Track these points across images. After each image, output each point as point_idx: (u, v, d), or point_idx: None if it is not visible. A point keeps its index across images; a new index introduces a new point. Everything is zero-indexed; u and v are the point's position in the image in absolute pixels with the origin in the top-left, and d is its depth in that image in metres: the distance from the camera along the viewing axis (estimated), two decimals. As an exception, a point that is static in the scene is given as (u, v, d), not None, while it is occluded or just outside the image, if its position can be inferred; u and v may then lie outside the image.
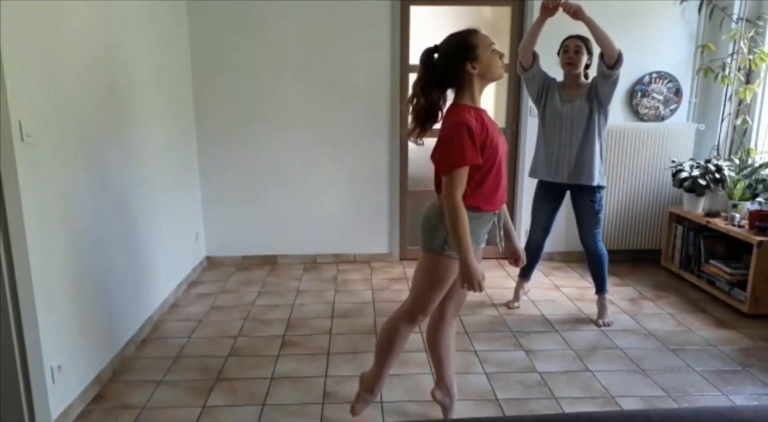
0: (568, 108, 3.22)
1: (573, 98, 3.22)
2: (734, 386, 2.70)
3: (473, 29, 2.08)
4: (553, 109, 3.27)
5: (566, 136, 3.25)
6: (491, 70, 2.06)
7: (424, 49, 2.16)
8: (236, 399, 2.61)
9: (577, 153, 3.23)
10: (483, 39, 2.05)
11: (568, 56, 3.20)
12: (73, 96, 2.52)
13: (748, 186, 3.79)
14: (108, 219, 2.85)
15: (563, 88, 3.28)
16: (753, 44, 4.02)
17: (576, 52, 3.18)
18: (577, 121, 3.21)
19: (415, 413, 2.48)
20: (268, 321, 3.47)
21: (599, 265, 3.40)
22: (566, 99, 3.24)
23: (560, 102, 3.25)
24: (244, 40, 4.20)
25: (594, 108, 3.18)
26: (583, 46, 3.18)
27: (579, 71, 3.22)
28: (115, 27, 2.96)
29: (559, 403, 2.57)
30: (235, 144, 4.35)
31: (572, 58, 3.18)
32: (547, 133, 3.33)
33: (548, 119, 3.30)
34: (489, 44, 2.05)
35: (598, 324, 3.38)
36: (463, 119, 1.99)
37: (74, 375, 2.49)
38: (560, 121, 3.24)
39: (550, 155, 3.31)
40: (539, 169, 3.40)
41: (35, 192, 2.21)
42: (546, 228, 3.50)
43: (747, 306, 3.45)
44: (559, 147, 3.27)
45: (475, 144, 1.98)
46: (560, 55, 3.26)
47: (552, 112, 3.28)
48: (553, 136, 3.29)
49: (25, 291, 2.12)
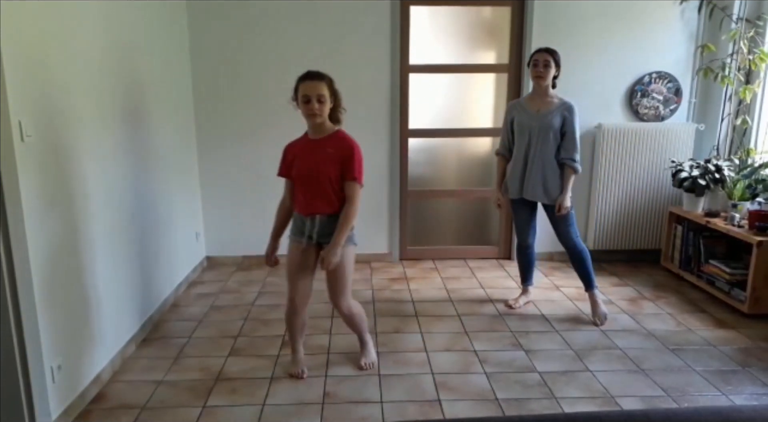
0: (534, 118, 3.32)
1: (540, 108, 3.33)
2: (734, 386, 2.70)
3: (302, 75, 2.55)
4: (520, 123, 3.37)
5: (534, 148, 3.32)
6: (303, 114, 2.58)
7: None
8: (236, 399, 2.61)
9: (543, 169, 3.32)
10: (300, 87, 2.53)
11: (538, 70, 3.28)
12: (73, 96, 2.52)
13: (747, 186, 3.79)
14: (108, 219, 2.85)
15: (530, 101, 3.39)
16: (753, 44, 4.02)
17: (545, 66, 3.27)
18: (544, 130, 3.28)
19: (415, 413, 2.48)
20: (268, 321, 3.47)
21: (581, 261, 3.43)
22: (533, 109, 3.34)
23: (527, 113, 3.35)
24: (244, 40, 4.20)
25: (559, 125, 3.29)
26: (552, 60, 3.27)
27: (548, 83, 3.32)
28: (115, 27, 2.96)
29: (559, 403, 2.57)
30: (235, 144, 4.36)
31: (541, 72, 3.28)
32: (516, 147, 3.41)
33: (517, 133, 3.39)
34: (303, 93, 2.51)
35: (595, 324, 3.40)
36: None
37: (74, 375, 2.49)
38: (528, 131, 3.33)
39: (520, 172, 3.40)
40: (511, 188, 3.48)
41: (35, 192, 2.22)
42: (531, 233, 3.58)
43: (747, 306, 3.45)
44: (531, 161, 3.34)
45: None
46: (530, 67, 3.34)
47: (519, 126, 3.37)
48: (521, 149, 3.37)
49: (25, 291, 2.12)
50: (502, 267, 4.50)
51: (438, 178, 4.62)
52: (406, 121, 4.43)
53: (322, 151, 2.58)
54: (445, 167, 4.62)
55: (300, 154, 2.64)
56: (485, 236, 4.74)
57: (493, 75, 4.45)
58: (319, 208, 2.61)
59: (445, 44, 4.40)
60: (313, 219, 2.63)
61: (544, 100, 3.34)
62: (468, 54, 4.42)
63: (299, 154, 2.64)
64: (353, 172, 2.57)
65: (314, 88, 2.51)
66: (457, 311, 3.61)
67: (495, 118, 4.51)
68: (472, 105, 4.52)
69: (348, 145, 2.59)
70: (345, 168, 2.57)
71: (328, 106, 2.56)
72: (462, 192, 4.62)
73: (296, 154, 2.65)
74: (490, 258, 4.69)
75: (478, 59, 4.42)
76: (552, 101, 3.33)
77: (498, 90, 4.46)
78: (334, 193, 2.59)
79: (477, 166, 4.62)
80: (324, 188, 2.58)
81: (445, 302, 3.76)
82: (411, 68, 4.36)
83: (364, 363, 2.89)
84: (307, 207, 2.64)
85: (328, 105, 2.56)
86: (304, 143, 2.66)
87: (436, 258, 4.69)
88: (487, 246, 4.71)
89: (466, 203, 4.68)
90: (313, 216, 2.63)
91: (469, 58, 4.42)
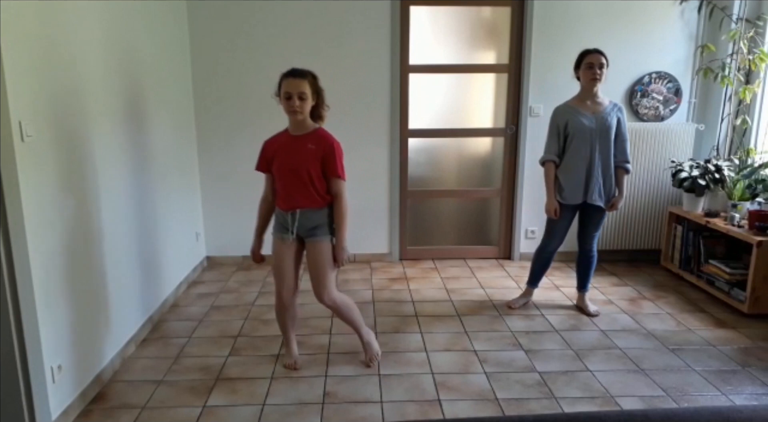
0: (593, 120, 3.23)
1: (596, 110, 3.24)
2: (734, 386, 2.70)
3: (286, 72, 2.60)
4: (577, 127, 3.23)
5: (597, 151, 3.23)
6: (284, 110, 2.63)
7: None
8: (236, 398, 2.61)
9: (606, 172, 3.26)
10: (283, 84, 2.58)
11: (594, 72, 3.16)
12: (73, 96, 2.53)
13: (747, 186, 3.79)
14: (108, 219, 2.85)
15: (581, 103, 3.27)
16: (752, 44, 4.02)
17: (600, 67, 3.16)
18: (606, 132, 3.21)
19: (415, 413, 2.49)
20: (269, 320, 3.47)
21: (591, 266, 3.53)
22: (588, 111, 3.24)
23: (584, 117, 3.24)
24: (243, 40, 4.20)
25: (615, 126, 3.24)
26: (605, 60, 3.18)
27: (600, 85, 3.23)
28: (115, 27, 2.96)
29: (559, 403, 2.57)
30: (235, 143, 4.36)
31: (598, 74, 3.17)
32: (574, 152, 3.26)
33: (575, 138, 3.24)
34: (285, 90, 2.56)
35: (591, 315, 3.49)
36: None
37: (74, 374, 2.49)
38: (589, 134, 3.22)
39: (583, 177, 3.27)
40: (570, 194, 3.31)
41: (35, 192, 2.22)
42: (563, 238, 3.49)
43: (746, 306, 3.45)
44: (594, 165, 3.24)
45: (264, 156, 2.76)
46: (582, 69, 3.21)
47: (578, 130, 3.23)
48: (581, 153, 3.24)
49: (26, 291, 2.12)
50: (502, 267, 4.50)
51: (438, 178, 4.62)
52: (406, 121, 4.43)
53: (303, 148, 2.62)
54: (445, 167, 4.62)
55: (280, 150, 2.67)
56: (485, 236, 4.74)
57: (493, 75, 4.45)
58: (300, 202, 2.66)
59: (445, 44, 4.40)
60: (294, 214, 2.68)
61: (596, 101, 3.25)
62: (468, 54, 4.42)
63: (280, 149, 2.68)
64: (336, 169, 2.63)
65: (296, 86, 2.54)
66: (457, 311, 3.61)
67: (495, 118, 4.51)
68: (472, 105, 4.53)
69: (328, 143, 2.62)
70: (327, 165, 2.62)
71: (309, 104, 2.59)
72: (462, 192, 4.62)
73: (276, 149, 2.69)
74: (490, 258, 4.69)
75: (478, 59, 4.43)
76: (604, 102, 3.27)
77: (498, 90, 4.46)
78: (314, 188, 2.64)
79: (477, 166, 4.62)
80: (305, 184, 2.62)
81: (444, 302, 3.76)
82: (411, 68, 4.36)
83: (367, 359, 2.89)
84: (288, 202, 2.68)
85: (309, 102, 2.59)
86: (284, 139, 2.70)
87: (436, 258, 4.69)
88: (486, 246, 4.71)
89: (466, 203, 4.68)
90: (294, 210, 2.68)
91: (469, 58, 4.42)
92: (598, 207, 3.33)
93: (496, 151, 4.56)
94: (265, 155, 2.75)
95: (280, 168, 2.67)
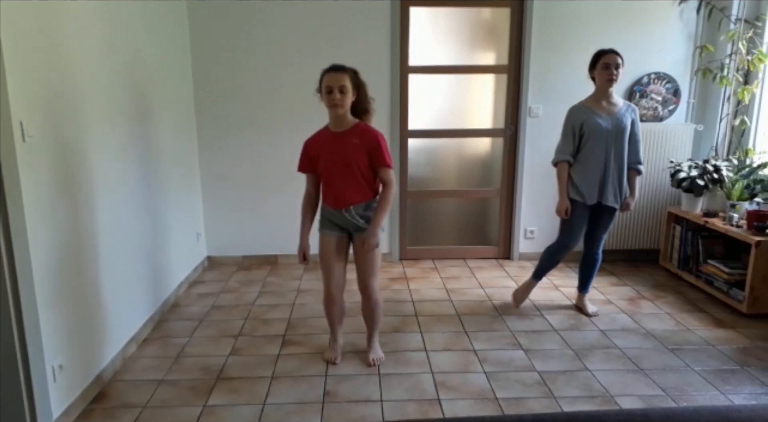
0: (609, 121, 3.22)
1: (611, 111, 3.24)
2: (733, 385, 2.71)
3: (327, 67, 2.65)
4: (593, 127, 3.21)
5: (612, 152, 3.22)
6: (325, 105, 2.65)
7: None
8: (237, 398, 2.62)
9: (620, 172, 3.26)
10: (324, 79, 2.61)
11: (611, 73, 3.15)
12: (74, 96, 2.53)
13: (746, 186, 3.80)
14: (109, 219, 2.85)
15: (596, 104, 3.25)
16: (751, 45, 4.03)
17: (617, 68, 3.15)
18: (621, 133, 3.21)
19: (415, 412, 2.49)
20: (269, 320, 3.48)
21: (595, 267, 3.55)
22: (604, 112, 3.23)
23: (600, 117, 3.22)
24: (244, 41, 4.21)
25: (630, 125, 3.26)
26: (621, 60, 3.17)
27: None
28: (115, 27, 2.97)
29: (558, 402, 2.58)
30: (235, 144, 4.37)
31: (615, 75, 3.15)
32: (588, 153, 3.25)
33: (590, 138, 3.22)
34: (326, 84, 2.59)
35: (590, 315, 3.50)
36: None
37: (75, 374, 2.50)
38: (605, 135, 3.20)
39: (600, 177, 3.26)
40: (587, 194, 3.29)
41: (37, 192, 2.22)
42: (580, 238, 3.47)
43: (745, 306, 3.46)
44: (610, 165, 3.24)
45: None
46: (598, 70, 3.20)
47: (593, 131, 3.21)
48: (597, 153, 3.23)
49: (27, 291, 2.13)
50: (502, 267, 4.50)
51: (438, 179, 4.63)
52: (406, 121, 4.44)
53: (348, 143, 2.65)
54: (444, 167, 4.63)
55: (324, 148, 2.69)
56: (485, 236, 4.75)
57: (493, 75, 4.46)
58: (352, 198, 2.69)
59: (445, 45, 4.41)
60: (348, 211, 2.70)
61: (611, 102, 3.24)
62: (467, 55, 4.43)
63: (324, 148, 2.69)
64: (384, 159, 2.66)
65: (337, 79, 2.58)
66: (457, 311, 3.62)
67: (494, 119, 4.52)
68: (471, 106, 4.53)
69: (372, 135, 2.66)
70: (375, 157, 2.65)
71: (349, 98, 2.63)
72: (462, 192, 4.63)
73: (319, 148, 2.70)
74: (490, 258, 4.70)
75: (478, 60, 4.43)
76: (618, 103, 3.27)
77: (497, 90, 4.47)
78: (365, 181, 2.68)
79: (476, 167, 4.63)
80: (355, 179, 2.67)
81: (444, 302, 3.77)
82: (411, 69, 4.37)
83: (372, 360, 2.91)
84: (339, 200, 2.71)
85: (350, 96, 2.62)
86: (326, 137, 2.71)
87: (436, 258, 4.70)
88: (486, 246, 4.72)
89: (465, 203, 4.69)
90: (347, 208, 2.70)
91: (469, 58, 4.42)
92: (610, 208, 3.33)
93: (495, 151, 4.57)
94: (308, 155, 2.76)
95: (328, 166, 2.69)
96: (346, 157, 2.63)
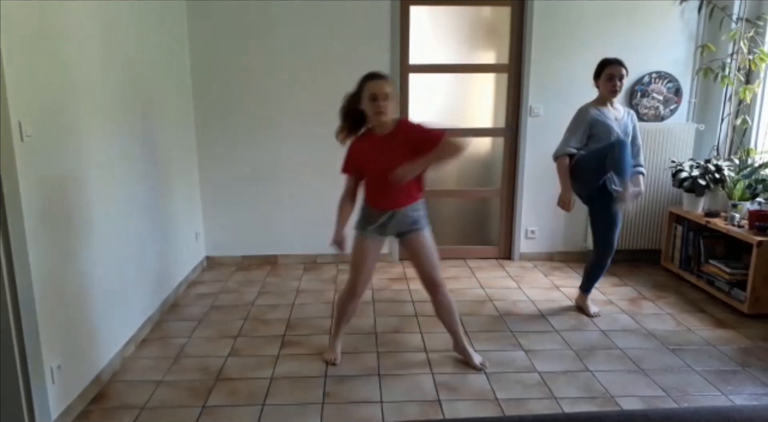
0: (617, 125, 3.26)
1: (616, 115, 3.29)
2: (734, 386, 2.70)
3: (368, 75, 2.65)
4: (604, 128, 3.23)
5: None
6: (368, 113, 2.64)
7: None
8: (236, 399, 2.61)
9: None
10: (367, 86, 2.60)
11: (614, 84, 3.19)
12: (73, 96, 2.52)
13: (747, 186, 3.79)
14: (108, 219, 2.85)
15: (602, 107, 3.30)
16: (753, 44, 4.02)
17: (620, 79, 3.19)
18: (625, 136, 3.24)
19: (415, 413, 2.48)
20: (268, 321, 3.47)
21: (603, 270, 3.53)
22: (611, 116, 3.28)
23: (610, 120, 3.26)
24: (243, 41, 4.20)
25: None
26: (625, 71, 3.21)
27: None
28: (115, 27, 2.96)
29: (559, 403, 2.57)
30: (234, 144, 4.36)
31: (618, 86, 3.21)
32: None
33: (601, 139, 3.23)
34: (371, 92, 2.57)
35: (592, 316, 3.48)
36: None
37: (74, 375, 2.49)
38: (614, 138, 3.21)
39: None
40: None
41: (35, 191, 2.21)
42: None
43: (746, 306, 3.45)
44: None
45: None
46: (602, 80, 3.24)
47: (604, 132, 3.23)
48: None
49: (25, 292, 2.12)
50: (502, 267, 4.50)
51: (438, 178, 4.62)
52: (406, 121, 4.43)
53: (394, 144, 2.64)
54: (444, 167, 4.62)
55: (372, 152, 2.69)
56: (485, 236, 4.74)
57: (493, 75, 4.45)
58: (401, 201, 2.70)
59: (445, 44, 4.40)
60: (394, 214, 2.72)
61: (614, 107, 3.32)
62: (468, 54, 4.42)
63: (371, 152, 2.69)
64: (433, 137, 2.57)
65: (381, 87, 2.59)
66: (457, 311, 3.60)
67: (495, 118, 4.51)
68: (472, 105, 4.53)
69: (411, 126, 2.68)
70: (424, 142, 2.58)
71: (392, 105, 2.64)
72: (462, 192, 4.62)
73: (366, 152, 2.71)
74: (490, 258, 4.69)
75: (478, 59, 4.42)
76: (620, 109, 3.34)
77: (498, 90, 4.46)
78: (415, 182, 2.68)
79: (477, 166, 4.62)
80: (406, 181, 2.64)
81: (445, 302, 3.76)
82: (411, 68, 4.36)
83: (480, 363, 2.88)
84: (387, 202, 2.72)
85: (392, 103, 2.64)
86: (372, 140, 2.71)
87: (436, 258, 4.69)
88: (486, 246, 4.71)
89: (466, 203, 4.68)
90: (394, 210, 2.71)
91: (469, 58, 4.42)
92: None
93: (496, 150, 4.56)
94: (353, 157, 2.77)
95: (377, 170, 2.67)
96: (397, 159, 2.58)
